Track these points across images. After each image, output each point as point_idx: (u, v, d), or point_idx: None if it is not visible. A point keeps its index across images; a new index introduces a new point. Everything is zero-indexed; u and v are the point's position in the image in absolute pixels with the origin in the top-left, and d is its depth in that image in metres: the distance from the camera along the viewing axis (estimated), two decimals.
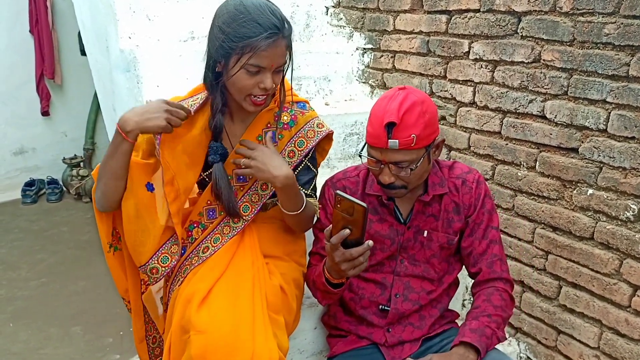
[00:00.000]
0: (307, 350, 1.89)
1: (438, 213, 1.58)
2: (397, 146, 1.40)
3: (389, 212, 1.61)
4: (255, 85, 1.40)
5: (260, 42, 1.33)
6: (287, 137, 1.57)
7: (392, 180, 1.45)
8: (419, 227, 1.59)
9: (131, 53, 2.16)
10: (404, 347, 1.62)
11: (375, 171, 1.49)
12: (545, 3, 1.80)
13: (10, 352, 2.44)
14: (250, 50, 1.34)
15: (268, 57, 1.37)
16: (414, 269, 1.61)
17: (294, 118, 1.57)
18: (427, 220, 1.59)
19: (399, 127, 1.39)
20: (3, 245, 3.48)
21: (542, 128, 1.86)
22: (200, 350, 1.33)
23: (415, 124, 1.40)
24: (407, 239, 1.60)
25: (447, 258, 1.63)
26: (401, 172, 1.45)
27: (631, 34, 1.58)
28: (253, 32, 1.34)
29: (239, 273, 1.52)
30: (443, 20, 2.19)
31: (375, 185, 1.60)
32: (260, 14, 1.36)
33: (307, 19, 2.75)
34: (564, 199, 1.83)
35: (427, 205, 1.59)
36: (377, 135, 1.42)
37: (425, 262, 1.61)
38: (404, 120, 1.39)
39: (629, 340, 1.70)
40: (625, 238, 1.67)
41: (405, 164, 1.43)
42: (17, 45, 4.24)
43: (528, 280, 1.98)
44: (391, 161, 1.43)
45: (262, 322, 1.42)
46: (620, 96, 1.63)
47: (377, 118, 1.42)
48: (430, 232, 1.58)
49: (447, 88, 2.22)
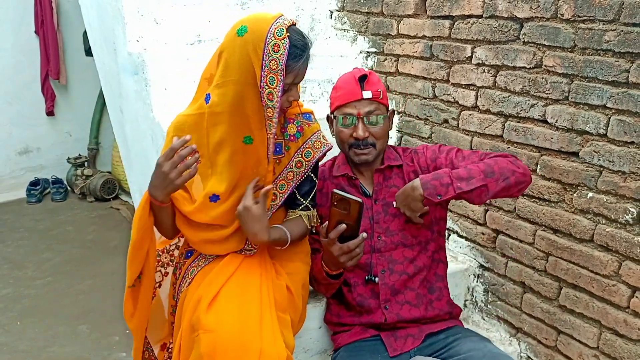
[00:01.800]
0: (312, 349, 1.92)
1: (400, 183, 1.74)
2: (371, 96, 1.67)
3: (356, 190, 1.76)
4: (285, 100, 1.50)
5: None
6: (295, 148, 1.61)
7: (366, 134, 1.67)
8: (385, 199, 1.74)
9: (139, 56, 2.20)
10: (407, 340, 1.66)
11: (348, 131, 1.70)
12: (547, 10, 1.84)
13: (18, 350, 2.48)
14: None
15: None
16: (392, 239, 1.71)
17: (301, 129, 1.62)
18: (391, 191, 1.74)
19: (369, 80, 1.68)
20: (9, 245, 3.52)
21: (544, 132, 1.89)
22: (209, 348, 1.37)
23: (378, 82, 1.72)
24: (376, 212, 1.74)
25: (426, 225, 1.73)
26: (372, 126, 1.68)
27: (631, 41, 1.62)
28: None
29: (248, 274, 1.56)
30: (446, 25, 2.23)
31: (341, 167, 1.80)
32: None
33: (311, 23, 2.78)
34: (564, 202, 1.87)
35: (388, 178, 1.77)
36: (350, 90, 1.68)
37: (401, 230, 1.72)
38: (371, 76, 1.70)
39: (627, 340, 1.73)
40: (624, 240, 1.70)
41: (375, 115, 1.68)
42: (23, 45, 4.28)
43: (529, 281, 2.01)
44: (365, 112, 1.67)
45: (269, 320, 1.46)
46: (620, 102, 1.66)
47: (348, 78, 1.71)
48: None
49: (449, 92, 2.26)
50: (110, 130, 4.43)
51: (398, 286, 1.71)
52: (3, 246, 3.48)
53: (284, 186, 1.61)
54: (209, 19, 2.42)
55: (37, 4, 4.23)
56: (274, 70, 1.38)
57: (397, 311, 1.70)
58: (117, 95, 2.57)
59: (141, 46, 2.28)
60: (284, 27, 1.38)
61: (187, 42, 2.40)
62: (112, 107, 2.75)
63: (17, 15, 4.22)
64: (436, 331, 1.69)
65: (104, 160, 4.62)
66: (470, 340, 1.63)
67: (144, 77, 2.18)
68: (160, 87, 2.17)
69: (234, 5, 2.58)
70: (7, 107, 4.32)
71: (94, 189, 4.23)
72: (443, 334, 1.69)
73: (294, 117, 1.62)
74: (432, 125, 2.37)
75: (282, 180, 1.61)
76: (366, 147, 1.70)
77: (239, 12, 2.55)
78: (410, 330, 1.69)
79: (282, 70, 1.38)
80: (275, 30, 1.37)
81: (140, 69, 2.20)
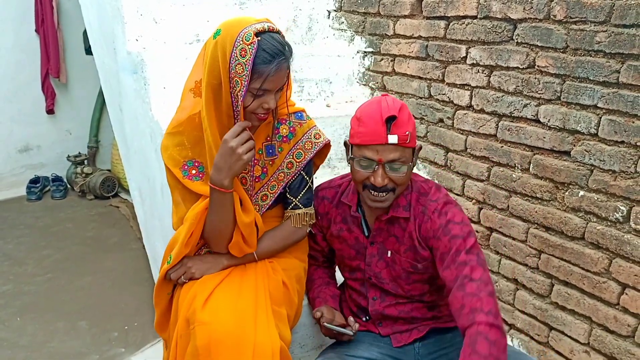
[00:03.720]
0: (307, 344, 1.95)
1: (401, 235, 1.56)
2: (397, 141, 1.42)
3: (356, 224, 1.63)
4: (258, 106, 1.48)
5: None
6: (287, 149, 1.64)
7: (385, 182, 1.45)
8: (384, 245, 1.60)
9: (138, 55, 2.23)
10: (412, 332, 1.64)
11: (365, 174, 1.47)
12: (539, 11, 1.87)
13: (18, 345, 2.50)
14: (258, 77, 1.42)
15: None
16: (382, 285, 1.63)
17: (292, 130, 1.64)
18: (390, 240, 1.58)
19: (397, 122, 1.42)
20: (9, 241, 3.54)
21: (536, 132, 1.93)
22: (205, 340, 1.40)
23: (408, 121, 1.46)
24: (370, 254, 1.62)
25: (421, 281, 1.60)
26: (394, 172, 1.46)
27: (621, 43, 1.65)
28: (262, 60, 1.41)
29: (243, 268, 1.60)
30: (441, 25, 2.25)
31: (350, 195, 1.63)
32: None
33: (309, 23, 2.81)
34: (556, 200, 1.90)
35: (389, 224, 1.58)
36: (374, 132, 1.42)
37: (392, 281, 1.62)
38: (400, 116, 1.43)
39: (617, 336, 1.76)
40: (615, 238, 1.73)
41: (399, 163, 1.45)
42: (23, 44, 4.30)
43: (522, 278, 2.05)
44: (388, 159, 1.44)
45: (264, 313, 1.49)
46: (611, 102, 1.69)
47: (374, 115, 1.43)
48: (393, 254, 1.58)
49: (445, 91, 2.29)
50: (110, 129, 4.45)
51: (389, 312, 1.65)
52: (3, 243, 3.50)
53: (275, 187, 1.65)
54: (208, 19, 2.45)
55: (37, 3, 4.25)
56: (239, 75, 1.40)
57: (391, 326, 1.67)
58: (116, 94, 2.60)
59: (140, 45, 2.31)
60: (252, 32, 1.39)
61: (186, 42, 2.43)
62: (111, 105, 2.78)
63: (18, 14, 4.24)
64: (442, 327, 1.63)
65: (103, 159, 4.65)
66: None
67: (143, 76, 2.21)
68: (159, 85, 2.20)
69: (232, 5, 2.60)
70: (8, 105, 4.34)
71: (94, 187, 4.25)
72: (450, 333, 1.62)
73: (285, 117, 1.63)
74: (427, 124, 2.40)
75: (274, 181, 1.64)
76: (384, 192, 1.49)
77: (238, 12, 2.58)
78: (418, 327, 1.65)
79: (247, 75, 1.39)
80: (244, 35, 1.39)
81: (139, 68, 2.23)
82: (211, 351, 1.40)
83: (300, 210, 1.66)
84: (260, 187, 1.63)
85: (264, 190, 1.64)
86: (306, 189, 1.67)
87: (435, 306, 1.66)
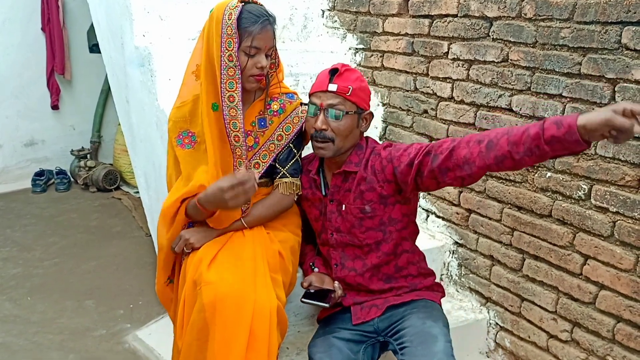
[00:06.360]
0: (300, 313, 2.13)
1: (352, 187, 1.79)
2: (335, 89, 1.69)
3: (316, 186, 1.88)
4: (253, 66, 1.71)
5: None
6: (277, 122, 1.86)
7: (324, 126, 1.70)
8: (340, 201, 1.82)
9: (146, 50, 2.40)
10: (371, 310, 1.82)
11: (312, 121, 1.74)
12: (512, 10, 2.06)
13: (30, 322, 2.66)
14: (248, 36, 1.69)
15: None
16: (342, 238, 1.84)
17: (283, 106, 1.87)
18: (345, 195, 1.81)
19: (341, 74, 1.70)
20: (17, 230, 3.69)
21: (510, 119, 2.11)
22: (210, 298, 1.58)
23: (353, 81, 1.72)
24: (330, 211, 1.85)
25: (375, 228, 1.79)
26: (334, 121, 1.70)
27: (582, 37, 1.84)
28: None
29: (243, 237, 1.79)
30: (426, 23, 2.44)
31: (313, 162, 1.90)
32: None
33: (304, 21, 2.99)
34: (527, 182, 2.08)
35: (344, 181, 1.81)
36: (320, 81, 1.73)
37: (347, 233, 1.83)
38: (344, 73, 1.71)
39: (581, 303, 1.95)
40: (578, 214, 1.92)
41: (337, 110, 1.69)
42: (30, 42, 4.46)
43: (497, 254, 2.23)
44: (327, 104, 1.70)
45: (263, 277, 1.67)
46: (574, 91, 1.88)
47: (324, 71, 1.75)
48: (347, 206, 1.80)
49: (429, 84, 2.47)
50: (112, 124, 4.64)
51: (349, 280, 1.84)
52: (11, 231, 3.65)
53: (266, 156, 1.86)
54: None
55: (43, 3, 4.40)
56: (229, 35, 1.67)
57: (354, 297, 1.85)
58: (123, 87, 2.76)
59: (147, 41, 2.48)
60: (237, 1, 1.69)
61: (190, 37, 2.59)
62: (118, 97, 2.95)
63: (25, 14, 4.39)
64: (398, 303, 1.80)
65: (105, 153, 4.80)
66: (416, 317, 1.72)
67: (149, 69, 2.39)
68: (164, 77, 2.37)
69: None
70: (15, 101, 4.49)
71: (97, 180, 4.40)
72: (403, 307, 1.78)
73: (277, 96, 1.87)
74: (413, 115, 2.59)
75: (265, 150, 1.85)
76: (324, 140, 1.71)
77: None
78: (376, 301, 1.83)
79: (236, 34, 1.66)
80: (230, 3, 1.70)
81: (146, 61, 2.40)
82: (216, 307, 1.57)
83: (287, 179, 1.86)
84: (252, 155, 1.84)
85: (256, 159, 1.84)
86: (293, 160, 1.88)
87: (392, 278, 1.84)
